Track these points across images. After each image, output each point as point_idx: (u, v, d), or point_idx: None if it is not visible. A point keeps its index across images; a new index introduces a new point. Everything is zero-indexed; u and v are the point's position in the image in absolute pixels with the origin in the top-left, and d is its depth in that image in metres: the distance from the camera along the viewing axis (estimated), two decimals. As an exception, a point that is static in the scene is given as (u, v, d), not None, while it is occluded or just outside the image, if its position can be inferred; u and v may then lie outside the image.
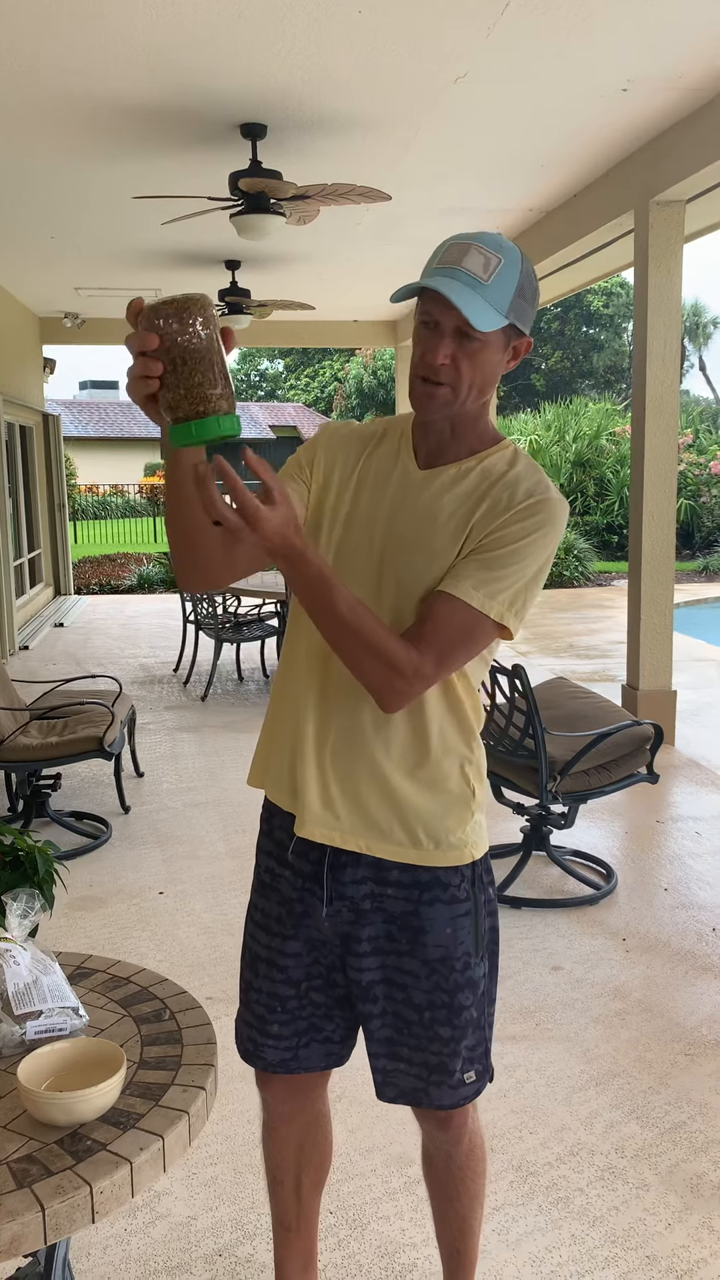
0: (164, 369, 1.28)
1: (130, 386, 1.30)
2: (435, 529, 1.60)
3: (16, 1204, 1.33)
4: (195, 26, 4.12)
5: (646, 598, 6.03)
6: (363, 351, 32.09)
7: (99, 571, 15.20)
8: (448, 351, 1.52)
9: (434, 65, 4.57)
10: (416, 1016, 1.70)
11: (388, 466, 1.67)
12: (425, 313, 1.53)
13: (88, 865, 4.40)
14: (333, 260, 9.00)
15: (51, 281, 9.83)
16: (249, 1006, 1.82)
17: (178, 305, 1.28)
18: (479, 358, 1.53)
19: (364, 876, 1.67)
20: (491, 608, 1.53)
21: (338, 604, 1.46)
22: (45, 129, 5.37)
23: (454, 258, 1.51)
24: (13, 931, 1.77)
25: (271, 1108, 1.88)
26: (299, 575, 1.44)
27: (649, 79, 4.78)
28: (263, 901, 1.80)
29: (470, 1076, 1.73)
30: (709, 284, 78.89)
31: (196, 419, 1.28)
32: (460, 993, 1.69)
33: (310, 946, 1.75)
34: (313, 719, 1.66)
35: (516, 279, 1.52)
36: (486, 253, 1.50)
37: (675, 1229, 2.31)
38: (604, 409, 18.79)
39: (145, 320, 1.28)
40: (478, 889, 1.70)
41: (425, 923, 1.67)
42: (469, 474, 1.62)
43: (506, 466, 1.62)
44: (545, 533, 1.56)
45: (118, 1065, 1.51)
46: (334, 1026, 1.80)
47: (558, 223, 7.21)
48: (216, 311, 1.31)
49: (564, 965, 3.50)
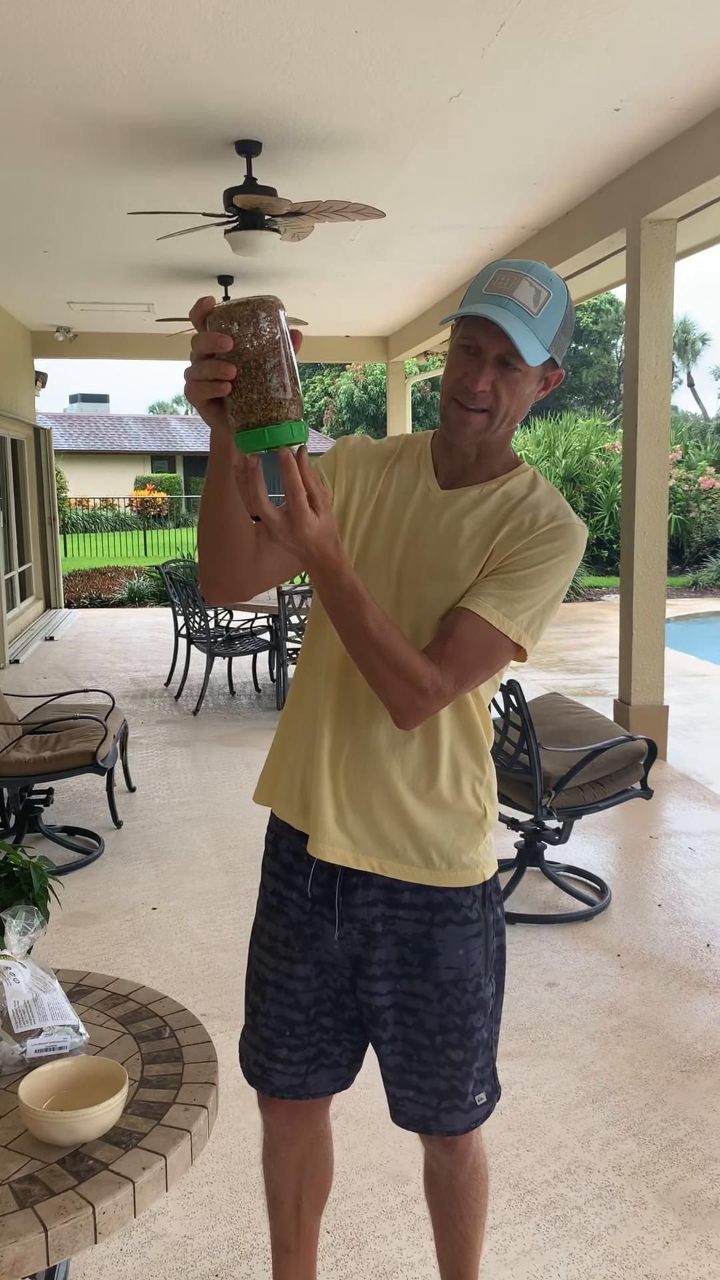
0: (236, 373, 1.23)
1: (193, 389, 1.24)
2: (456, 550, 1.60)
3: (19, 1225, 1.32)
4: (191, 44, 4.15)
5: (638, 613, 6.04)
6: (353, 366, 32.17)
7: (89, 585, 15.18)
8: (489, 379, 1.52)
9: (429, 84, 4.61)
10: (428, 1041, 1.69)
11: (408, 485, 1.67)
12: (469, 338, 1.53)
13: (80, 881, 4.37)
14: (325, 276, 9.03)
15: (44, 295, 9.85)
16: (256, 1030, 1.79)
17: (252, 306, 1.23)
18: (518, 388, 1.54)
19: (375, 898, 1.66)
20: (510, 627, 1.53)
21: (368, 621, 1.43)
22: (40, 144, 5.39)
23: (504, 286, 1.50)
24: (12, 949, 1.76)
25: (273, 1129, 1.86)
26: (332, 589, 1.41)
27: (641, 99, 4.82)
28: (269, 925, 1.78)
29: (481, 1098, 1.72)
30: (697, 301, 79.33)
31: (270, 424, 1.23)
32: (473, 1014, 1.68)
33: (320, 970, 1.73)
34: (328, 735, 1.64)
35: (562, 314, 1.53)
36: (538, 286, 1.50)
37: (674, 1247, 2.30)
38: (593, 425, 18.87)
39: (216, 321, 1.23)
40: (487, 909, 1.70)
41: (438, 944, 1.66)
42: (490, 496, 1.62)
43: (527, 490, 1.63)
44: (566, 557, 1.57)
45: (119, 1084, 1.50)
46: (342, 1051, 1.79)
47: (550, 240, 7.25)
48: (285, 312, 1.26)
49: (559, 981, 3.49)
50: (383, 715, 1.60)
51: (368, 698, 1.60)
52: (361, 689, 1.61)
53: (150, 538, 26.55)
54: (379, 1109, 2.63)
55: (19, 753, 4.64)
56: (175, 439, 39.32)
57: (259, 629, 8.14)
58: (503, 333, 1.49)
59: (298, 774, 1.69)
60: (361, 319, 11.63)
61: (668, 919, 3.97)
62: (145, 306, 10.30)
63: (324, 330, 12.29)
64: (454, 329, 1.59)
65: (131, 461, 38.23)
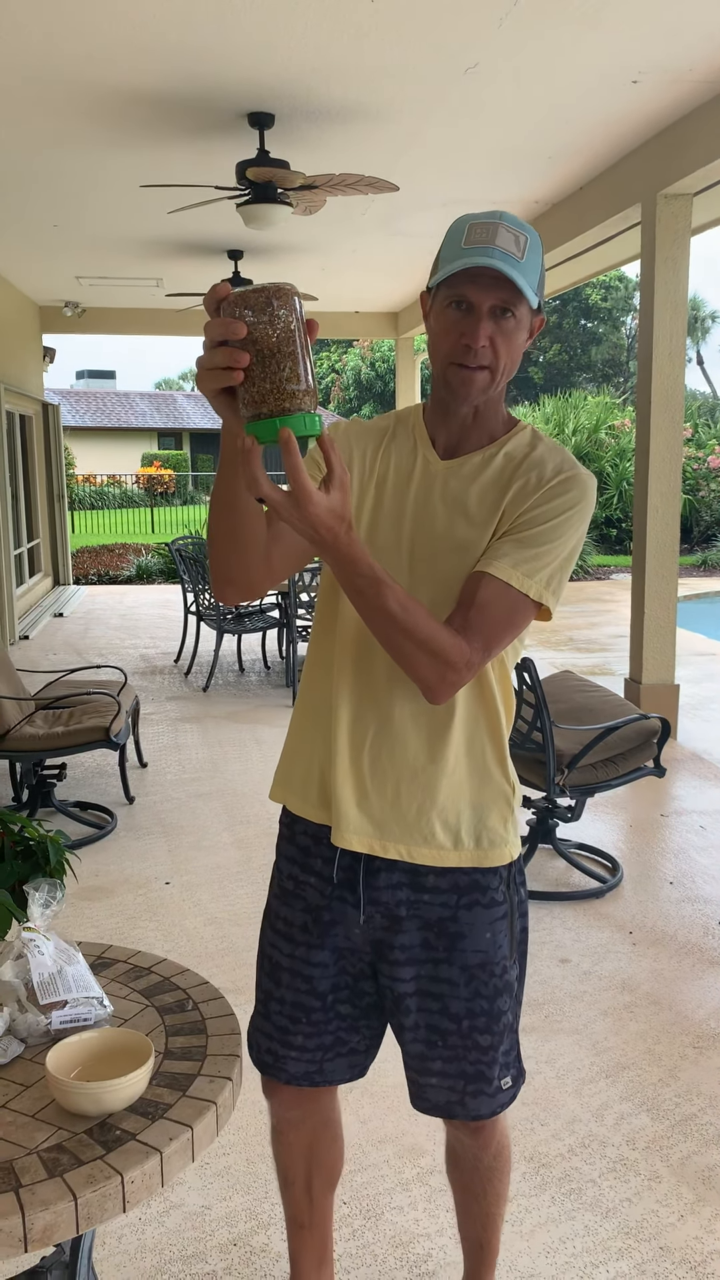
0: (249, 361, 1.20)
1: (204, 377, 1.21)
2: (466, 520, 1.57)
3: (49, 1193, 1.33)
4: (204, 15, 4.10)
5: (650, 591, 6.03)
6: (360, 343, 32.00)
7: (97, 561, 15.19)
8: (488, 332, 1.49)
9: (445, 56, 4.56)
10: (454, 1026, 1.66)
11: (407, 461, 1.63)
12: (458, 295, 1.49)
13: (94, 855, 4.39)
14: (335, 251, 8.97)
15: (52, 270, 9.79)
16: (269, 1017, 1.77)
17: (268, 293, 1.20)
18: (513, 338, 1.51)
19: (399, 882, 1.63)
20: (530, 586, 1.50)
21: (389, 603, 1.40)
22: (51, 117, 5.34)
23: (484, 237, 1.46)
24: (35, 921, 1.77)
25: (279, 1114, 1.85)
26: (349, 574, 1.38)
27: (659, 71, 4.77)
28: (284, 909, 1.74)
29: (506, 1082, 1.71)
30: (707, 278, 78.75)
31: (282, 415, 1.20)
32: (499, 998, 1.67)
33: (338, 956, 1.70)
34: (346, 721, 1.61)
35: (540, 256, 1.51)
36: (514, 230, 1.47)
37: (688, 1220, 2.32)
38: (603, 402, 18.80)
39: (231, 308, 1.19)
40: (512, 890, 1.68)
41: (464, 928, 1.64)
42: (493, 460, 1.59)
43: (529, 448, 1.60)
44: (579, 508, 1.54)
45: (145, 1055, 1.51)
46: (359, 1038, 1.77)
47: (563, 215, 7.19)
48: (302, 301, 1.23)
49: (572, 958, 3.51)
50: (403, 694, 1.58)
51: (386, 677, 1.58)
52: (379, 669, 1.58)
53: (157, 514, 26.52)
54: (394, 1082, 2.65)
55: (32, 728, 4.66)
56: (182, 416, 39.21)
57: (268, 606, 8.14)
58: (495, 281, 1.45)
59: (315, 766, 1.66)
60: (371, 294, 11.55)
61: (679, 896, 3.98)
62: (154, 281, 10.24)
63: (333, 305, 12.22)
64: (432, 296, 1.54)
65: (138, 438, 38.14)
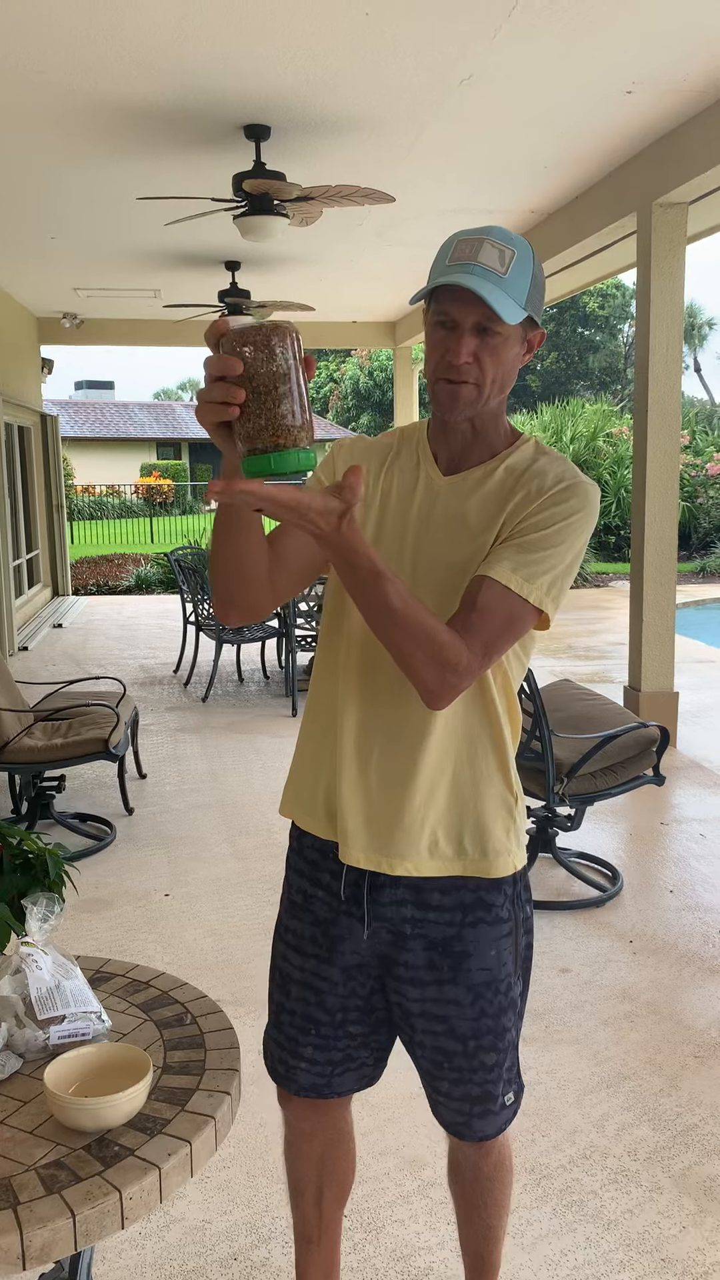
0: (245, 397, 1.22)
1: (203, 411, 1.23)
2: (468, 536, 1.57)
3: (47, 1210, 1.33)
4: (200, 27, 4.12)
5: (648, 599, 6.03)
6: (359, 352, 32.08)
7: (96, 572, 15.19)
8: (470, 349, 1.49)
9: (440, 67, 4.58)
10: (460, 1047, 1.66)
11: (409, 478, 1.64)
12: (442, 312, 1.50)
13: (93, 867, 4.39)
14: (333, 261, 9.00)
15: (51, 282, 9.82)
16: (280, 1028, 1.77)
17: (265, 331, 1.22)
18: (500, 353, 1.51)
19: (404, 898, 1.63)
20: (530, 591, 1.49)
21: (390, 597, 1.39)
22: (48, 129, 5.36)
23: (467, 254, 1.47)
24: (34, 935, 1.77)
25: (293, 1125, 1.86)
26: (349, 568, 1.38)
27: (653, 81, 4.78)
28: (294, 922, 1.75)
29: (509, 1098, 1.72)
30: (704, 285, 78.95)
31: (275, 451, 1.22)
32: (504, 1015, 1.67)
33: (347, 976, 1.70)
34: (352, 739, 1.61)
35: (530, 270, 1.50)
36: (500, 246, 1.47)
37: (690, 1232, 2.31)
38: (600, 410, 18.80)
39: (229, 344, 1.22)
40: (517, 907, 1.68)
41: (470, 946, 1.63)
42: (494, 474, 1.59)
43: (531, 460, 1.60)
44: (581, 516, 1.54)
45: (144, 1071, 1.51)
46: (369, 1053, 1.77)
47: (559, 224, 7.21)
48: (301, 340, 1.25)
49: (572, 967, 3.50)
50: (408, 708, 1.58)
51: (391, 692, 1.58)
52: (384, 683, 1.58)
53: (156, 524, 26.53)
54: (395, 1094, 2.65)
55: (31, 740, 4.65)
56: (181, 426, 39.25)
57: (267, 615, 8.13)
58: (476, 298, 1.45)
59: (321, 782, 1.67)
60: (368, 304, 11.58)
61: (679, 905, 3.98)
62: (152, 292, 10.26)
63: (330, 315, 12.24)
64: (426, 311, 1.55)
65: (137, 448, 38.17)
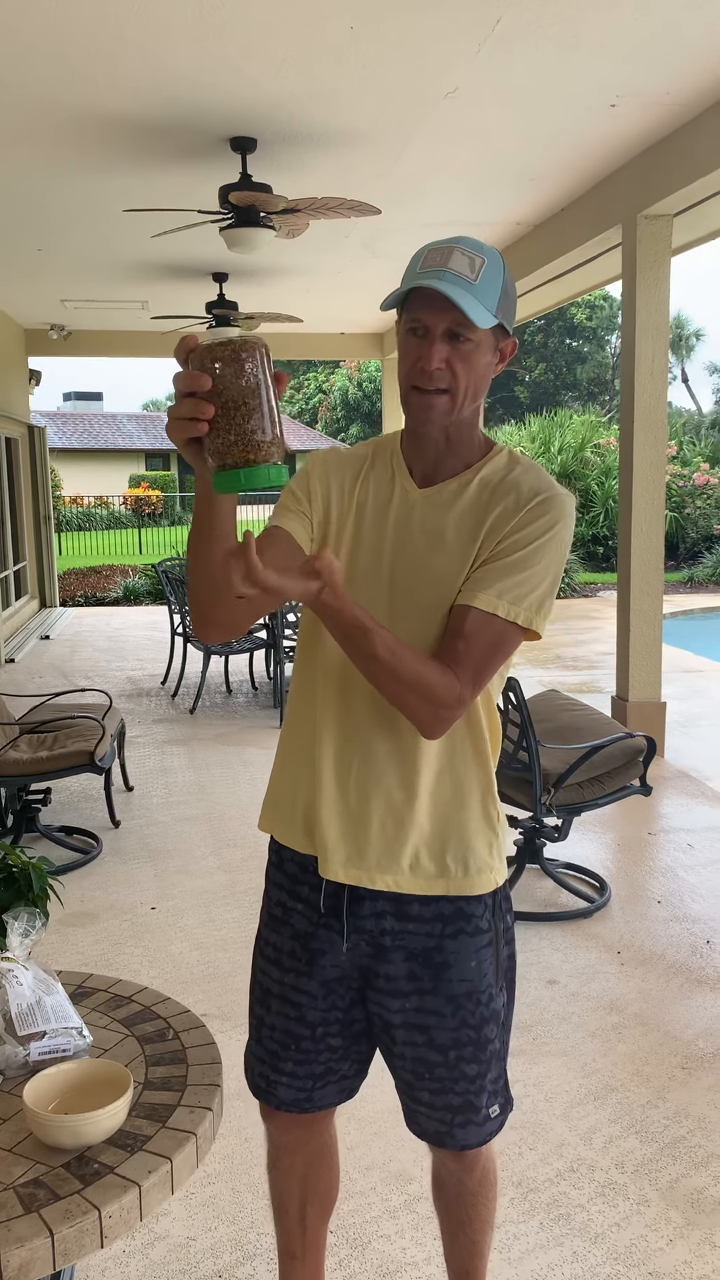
0: (215, 412, 1.22)
1: (173, 427, 1.23)
2: (445, 550, 1.57)
3: (25, 1229, 1.32)
4: (186, 40, 4.13)
5: (635, 609, 6.04)
6: (347, 363, 32.16)
7: (84, 583, 15.15)
8: (442, 355, 1.49)
9: (424, 81, 4.59)
10: (441, 1058, 1.66)
11: (385, 490, 1.63)
12: (414, 319, 1.50)
13: (79, 880, 4.36)
14: (320, 273, 9.02)
15: (38, 293, 9.82)
16: (261, 1042, 1.76)
17: (234, 347, 1.21)
18: (472, 360, 1.51)
19: (383, 910, 1.63)
20: (518, 614, 1.51)
21: (378, 649, 1.43)
22: (34, 142, 5.37)
23: (438, 261, 1.48)
24: (14, 951, 1.76)
25: (276, 1139, 1.84)
26: (334, 625, 1.43)
27: (637, 95, 4.81)
28: (274, 936, 1.74)
29: (495, 1110, 1.71)
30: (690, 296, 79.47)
31: (246, 467, 1.22)
32: (486, 1026, 1.66)
33: (327, 989, 1.70)
34: (331, 751, 1.61)
35: (501, 278, 1.50)
36: (470, 254, 1.48)
37: (677, 1245, 2.30)
38: (588, 421, 18.88)
39: (198, 360, 1.21)
40: (498, 918, 1.67)
41: (450, 957, 1.63)
42: (469, 486, 1.59)
43: (505, 471, 1.60)
44: (558, 529, 1.54)
45: (124, 1087, 1.50)
46: (349, 1065, 1.77)
47: (544, 237, 7.24)
48: (270, 355, 1.24)
49: (559, 979, 3.49)
50: (387, 724, 1.58)
51: (369, 708, 1.58)
52: (362, 700, 1.58)
53: (145, 535, 26.51)
54: (381, 1108, 2.63)
55: (16, 752, 4.63)
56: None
57: (255, 627, 8.13)
58: (447, 304, 1.46)
59: (300, 797, 1.66)
60: (356, 315, 11.61)
61: (667, 916, 3.97)
62: (139, 304, 10.27)
63: (318, 327, 12.27)
64: (399, 321, 1.55)
65: (125, 459, 38.17)
